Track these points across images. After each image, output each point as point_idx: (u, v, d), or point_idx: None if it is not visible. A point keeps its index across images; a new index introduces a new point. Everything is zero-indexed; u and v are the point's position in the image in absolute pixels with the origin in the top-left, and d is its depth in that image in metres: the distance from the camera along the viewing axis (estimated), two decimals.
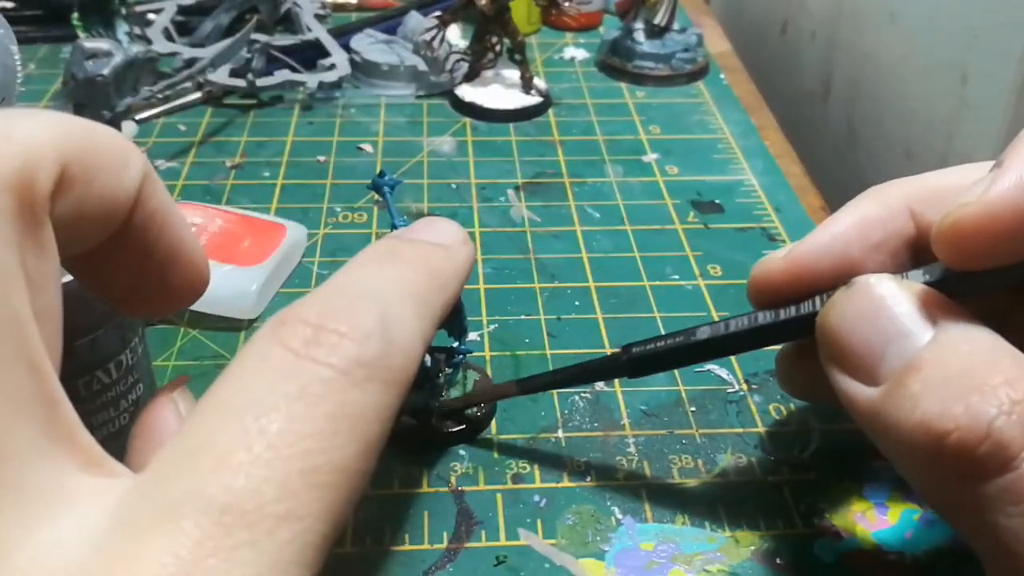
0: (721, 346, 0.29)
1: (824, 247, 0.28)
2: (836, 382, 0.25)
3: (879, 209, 0.28)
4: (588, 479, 0.33)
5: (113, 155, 0.18)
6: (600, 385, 0.37)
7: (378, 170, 0.34)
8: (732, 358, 0.38)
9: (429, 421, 0.34)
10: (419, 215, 0.48)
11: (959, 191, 0.23)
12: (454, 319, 0.33)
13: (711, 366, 0.38)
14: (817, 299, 0.27)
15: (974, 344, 0.23)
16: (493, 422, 0.35)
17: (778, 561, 0.30)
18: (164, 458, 0.16)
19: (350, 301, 0.18)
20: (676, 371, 0.38)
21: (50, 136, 0.17)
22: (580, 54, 0.69)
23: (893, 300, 0.24)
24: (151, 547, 0.14)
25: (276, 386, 0.16)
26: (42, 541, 0.14)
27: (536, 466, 0.33)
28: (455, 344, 0.34)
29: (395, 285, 0.20)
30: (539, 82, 0.61)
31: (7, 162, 0.16)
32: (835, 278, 0.26)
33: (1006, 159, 0.23)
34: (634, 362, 0.30)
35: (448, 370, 0.34)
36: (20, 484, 0.15)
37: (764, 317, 0.28)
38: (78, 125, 0.18)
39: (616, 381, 0.37)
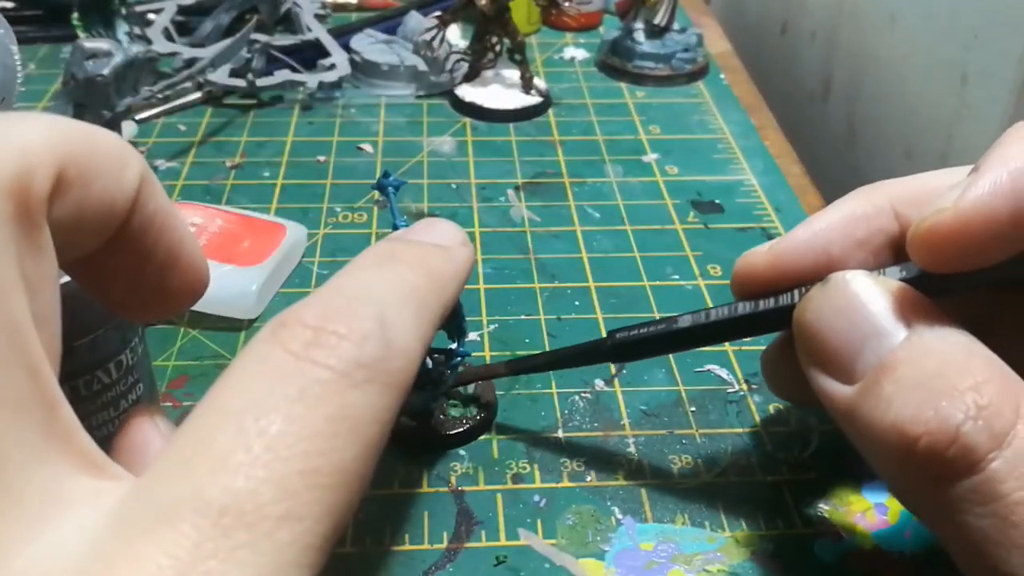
0: (702, 334, 0.30)
1: (806, 243, 0.28)
2: (813, 379, 0.25)
3: (864, 207, 0.28)
4: (588, 479, 0.33)
5: (111, 158, 0.18)
6: (600, 385, 0.37)
7: (378, 170, 0.34)
8: (732, 358, 0.39)
9: (429, 422, 0.34)
10: (419, 215, 0.48)
11: (942, 194, 0.23)
12: (453, 321, 0.33)
13: (711, 366, 0.38)
14: (796, 292, 0.27)
15: (947, 345, 0.23)
16: (493, 422, 0.35)
17: (778, 561, 0.30)
18: (163, 460, 0.16)
19: (349, 303, 0.18)
20: (676, 371, 0.38)
21: (47, 139, 0.17)
22: (580, 54, 0.69)
23: (868, 297, 0.24)
24: (149, 549, 0.14)
25: (275, 388, 0.16)
26: (41, 544, 0.14)
27: (536, 466, 0.33)
28: (454, 346, 0.34)
29: (394, 287, 0.20)
30: (539, 82, 0.61)
31: (4, 166, 0.16)
32: (816, 274, 0.27)
33: (983, 164, 0.23)
34: (618, 347, 0.31)
35: (448, 371, 0.34)
36: (19, 487, 0.15)
37: (744, 307, 0.29)
38: (75, 128, 0.18)
39: (616, 381, 0.37)
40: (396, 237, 0.24)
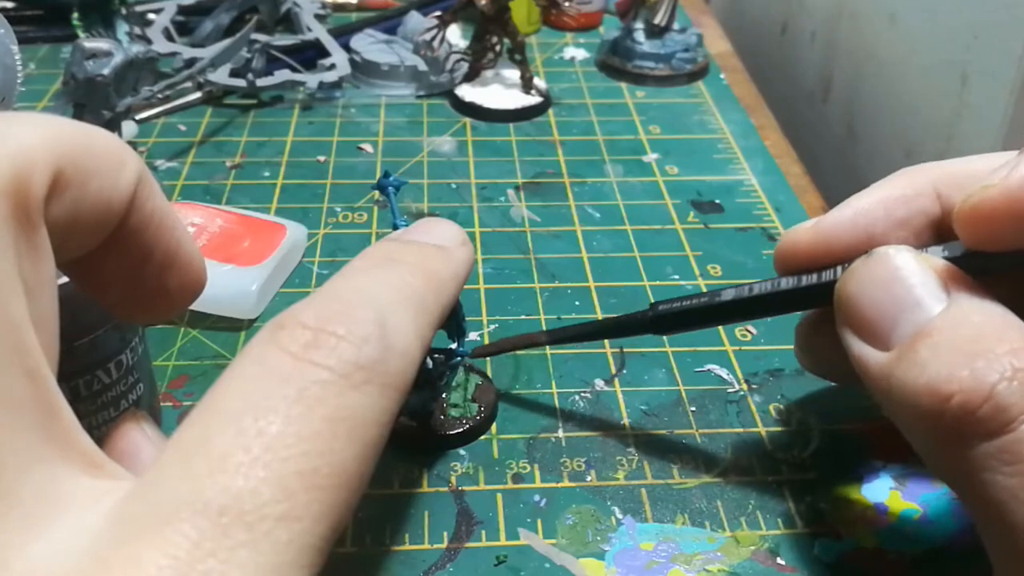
0: (744, 308, 0.30)
1: (849, 221, 0.28)
2: (850, 346, 0.26)
3: (905, 188, 0.29)
4: (588, 479, 0.33)
5: (108, 157, 0.18)
6: (600, 385, 0.37)
7: (378, 170, 0.34)
8: (733, 358, 0.38)
9: (429, 422, 0.34)
10: (419, 215, 0.48)
11: (986, 175, 0.24)
12: (452, 321, 0.33)
13: (711, 366, 0.38)
14: (838, 268, 0.28)
15: (984, 316, 0.23)
16: (493, 422, 0.35)
17: (778, 561, 0.30)
18: (163, 461, 0.16)
19: (348, 305, 0.18)
20: (676, 371, 0.38)
21: (44, 140, 0.17)
22: (580, 54, 0.69)
23: (910, 271, 0.25)
24: (149, 549, 0.14)
25: (275, 389, 0.16)
26: (40, 544, 0.14)
27: (536, 466, 0.33)
28: (454, 346, 0.34)
29: (393, 288, 0.20)
30: (539, 82, 0.61)
31: (1, 166, 0.16)
32: (858, 251, 0.27)
33: None
34: (659, 319, 0.32)
35: (448, 372, 0.34)
36: (18, 489, 0.15)
37: (786, 283, 0.29)
38: (72, 128, 0.18)
39: (616, 381, 0.37)
40: (395, 237, 0.24)
